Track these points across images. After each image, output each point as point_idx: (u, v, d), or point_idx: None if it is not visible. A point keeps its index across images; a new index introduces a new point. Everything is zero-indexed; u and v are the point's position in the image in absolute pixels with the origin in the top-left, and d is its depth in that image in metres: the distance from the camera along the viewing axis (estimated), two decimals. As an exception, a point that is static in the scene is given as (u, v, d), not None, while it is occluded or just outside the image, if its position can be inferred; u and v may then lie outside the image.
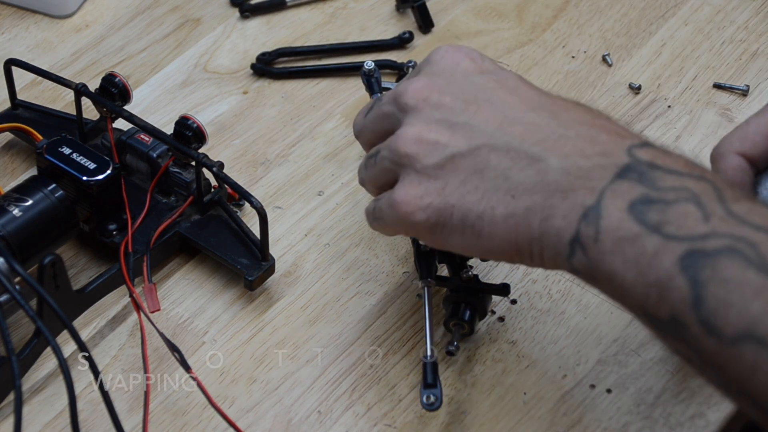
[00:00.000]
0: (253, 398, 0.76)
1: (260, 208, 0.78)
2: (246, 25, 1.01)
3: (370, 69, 0.85)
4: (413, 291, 0.82)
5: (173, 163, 0.83)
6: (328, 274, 0.83)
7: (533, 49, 0.99)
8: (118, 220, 0.81)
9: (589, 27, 1.01)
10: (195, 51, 0.98)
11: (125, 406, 0.75)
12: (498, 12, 1.02)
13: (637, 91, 0.95)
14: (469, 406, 0.75)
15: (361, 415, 0.75)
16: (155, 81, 0.96)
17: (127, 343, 0.79)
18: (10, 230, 0.76)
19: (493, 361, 0.78)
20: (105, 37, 0.99)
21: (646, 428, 0.74)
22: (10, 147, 0.91)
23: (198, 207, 0.83)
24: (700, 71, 0.97)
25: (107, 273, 0.80)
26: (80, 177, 0.79)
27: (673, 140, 0.91)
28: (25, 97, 0.92)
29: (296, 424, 0.75)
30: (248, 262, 0.80)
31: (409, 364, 0.78)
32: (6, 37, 0.99)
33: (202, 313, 0.80)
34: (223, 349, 0.78)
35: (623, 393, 0.76)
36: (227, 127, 0.92)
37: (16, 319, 0.78)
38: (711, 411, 0.75)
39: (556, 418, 0.75)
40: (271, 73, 0.96)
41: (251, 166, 0.90)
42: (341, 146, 0.91)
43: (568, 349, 0.78)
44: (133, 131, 0.84)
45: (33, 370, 0.76)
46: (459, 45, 0.73)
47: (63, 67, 0.96)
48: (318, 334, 0.79)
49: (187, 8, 1.02)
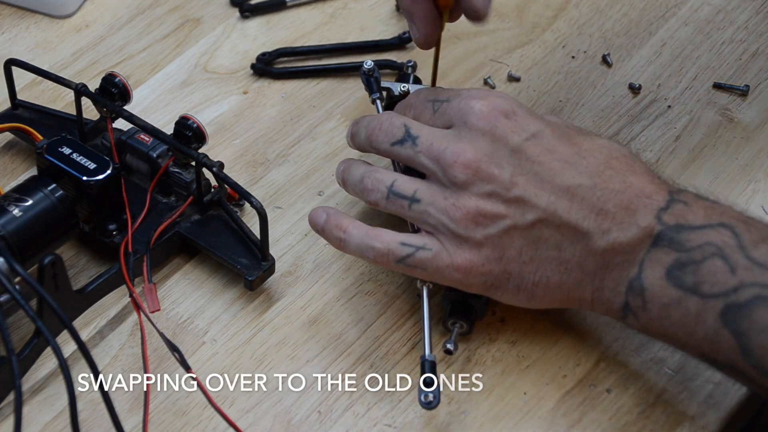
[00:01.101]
0: (253, 398, 0.76)
1: (260, 208, 0.78)
2: (246, 25, 1.01)
3: (369, 68, 0.85)
4: (413, 291, 0.82)
5: (173, 163, 0.83)
6: (328, 274, 0.83)
7: (533, 49, 0.99)
8: (118, 220, 0.81)
9: (589, 27, 1.00)
10: (195, 51, 0.98)
11: (125, 406, 0.75)
12: (498, 12, 1.02)
13: (637, 91, 0.95)
14: (469, 406, 0.75)
15: (361, 415, 0.75)
16: (155, 81, 0.96)
17: (127, 343, 0.79)
18: (10, 230, 0.76)
19: (493, 361, 0.78)
20: (105, 37, 0.99)
21: (646, 428, 0.74)
22: (10, 147, 0.91)
23: (198, 207, 0.83)
24: (700, 71, 0.97)
25: (107, 273, 0.80)
26: (80, 177, 0.79)
27: (673, 140, 0.91)
28: (25, 97, 0.92)
29: (296, 424, 0.75)
30: (248, 262, 0.80)
31: (409, 364, 0.78)
32: (6, 37, 0.99)
33: (202, 313, 0.80)
34: (223, 349, 0.78)
35: (623, 393, 0.76)
36: (227, 127, 0.92)
37: (16, 319, 0.78)
38: (711, 411, 0.75)
39: (556, 418, 0.75)
40: (271, 73, 0.96)
41: (251, 166, 0.90)
42: (341, 146, 0.91)
43: (568, 349, 0.78)
44: (133, 131, 0.84)
45: (33, 370, 0.76)
46: (490, 97, 0.75)
47: (63, 67, 0.96)
48: (318, 334, 0.79)
49: (187, 8, 1.02)
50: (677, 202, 0.72)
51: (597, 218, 0.72)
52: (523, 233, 0.73)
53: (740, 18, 1.01)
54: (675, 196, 0.72)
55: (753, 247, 0.68)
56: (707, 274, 0.68)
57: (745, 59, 0.97)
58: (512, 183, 0.73)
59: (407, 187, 0.75)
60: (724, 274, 0.68)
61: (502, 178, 0.73)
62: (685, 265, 0.69)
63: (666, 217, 0.71)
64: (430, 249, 0.74)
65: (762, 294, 0.67)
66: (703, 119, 0.93)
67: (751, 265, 0.68)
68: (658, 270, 0.70)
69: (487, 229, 0.73)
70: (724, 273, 0.68)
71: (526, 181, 0.73)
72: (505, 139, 0.73)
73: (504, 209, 0.73)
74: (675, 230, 0.70)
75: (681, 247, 0.70)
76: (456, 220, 0.73)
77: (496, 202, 0.73)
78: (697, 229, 0.70)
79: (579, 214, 0.72)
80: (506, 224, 0.73)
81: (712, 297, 0.68)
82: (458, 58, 0.97)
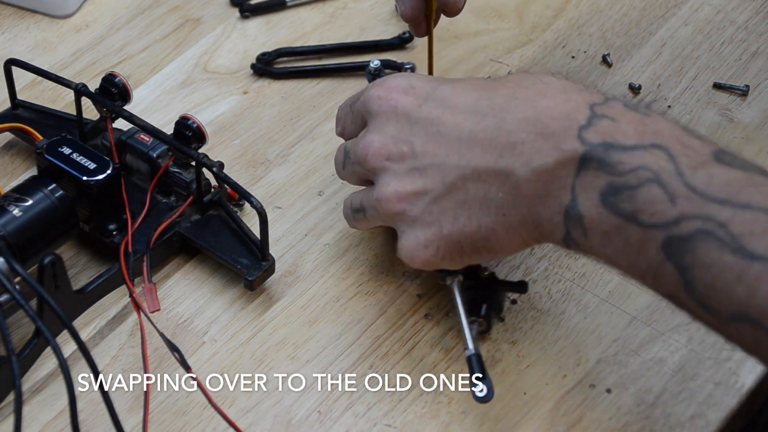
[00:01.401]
0: (253, 398, 0.76)
1: (260, 208, 0.78)
2: (246, 25, 1.01)
3: (376, 67, 0.85)
4: (413, 291, 0.82)
5: (173, 163, 0.83)
6: (328, 274, 0.83)
7: (533, 49, 0.99)
8: (118, 220, 0.81)
9: (589, 27, 1.01)
10: (195, 51, 0.98)
11: (125, 406, 0.75)
12: (498, 12, 1.02)
13: (637, 91, 0.95)
14: (469, 406, 0.75)
15: (361, 415, 0.75)
16: (155, 81, 0.96)
17: (127, 343, 0.79)
18: (10, 230, 0.76)
19: (493, 361, 0.78)
20: (105, 37, 0.99)
21: (646, 428, 0.74)
22: (10, 147, 0.91)
23: (198, 207, 0.83)
24: (700, 71, 0.97)
25: (107, 273, 0.80)
26: (80, 177, 0.79)
27: (673, 140, 0.91)
28: (25, 97, 0.92)
29: (296, 424, 0.75)
30: (248, 262, 0.80)
31: (409, 364, 0.78)
32: (6, 37, 0.99)
33: (202, 313, 0.80)
34: (223, 349, 0.78)
35: (623, 393, 0.76)
36: (227, 127, 0.92)
37: (16, 319, 0.78)
38: (711, 411, 0.75)
39: (556, 418, 0.75)
40: (271, 73, 0.96)
41: (251, 166, 0.90)
42: (341, 146, 0.91)
43: (568, 349, 0.78)
44: (133, 131, 0.84)
45: (33, 370, 0.76)
46: (388, 80, 0.76)
47: (63, 67, 0.96)
48: (318, 334, 0.79)
49: (187, 8, 1.02)
50: (600, 118, 0.67)
51: (512, 153, 0.69)
52: (450, 197, 0.71)
53: (740, 18, 1.01)
54: (597, 110, 0.68)
55: (692, 173, 0.64)
56: (645, 202, 0.64)
57: (745, 59, 0.98)
58: (422, 152, 0.72)
59: (356, 200, 0.77)
60: (663, 203, 0.64)
61: (412, 151, 0.72)
62: (619, 189, 0.65)
63: (590, 135, 0.67)
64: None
65: (705, 228, 0.62)
66: (703, 119, 0.93)
67: (691, 193, 0.63)
68: (592, 195, 0.66)
69: (414, 207, 0.72)
70: (663, 202, 0.64)
71: (435, 146, 0.72)
72: (406, 113, 0.73)
73: (423, 182, 0.72)
74: (603, 150, 0.66)
75: (613, 171, 0.65)
76: (383, 211, 0.73)
77: (414, 178, 0.72)
78: (628, 150, 0.66)
79: (492, 155, 0.70)
80: (430, 196, 0.72)
81: (652, 228, 0.64)
82: (458, 58, 0.97)
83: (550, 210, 0.68)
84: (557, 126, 0.68)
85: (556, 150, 0.67)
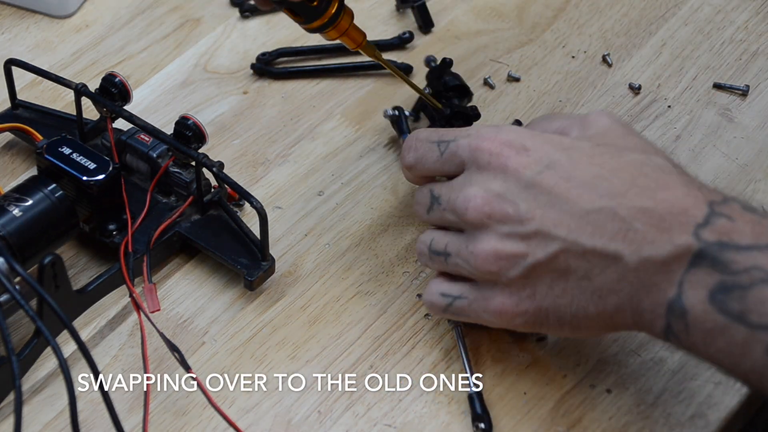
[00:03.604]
0: (253, 398, 0.76)
1: (260, 208, 0.78)
2: (246, 25, 1.01)
3: (394, 115, 0.89)
4: (413, 291, 0.82)
5: (173, 163, 0.83)
6: (328, 274, 0.83)
7: (533, 49, 0.99)
8: (118, 220, 0.81)
9: (589, 27, 1.01)
10: (195, 51, 0.98)
11: (125, 406, 0.75)
12: (498, 12, 1.02)
13: (637, 91, 0.95)
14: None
15: (361, 415, 0.75)
16: (155, 81, 0.96)
17: (127, 343, 0.79)
18: (10, 230, 0.76)
19: (493, 361, 0.78)
20: (105, 37, 0.99)
21: (646, 428, 0.74)
22: (10, 147, 0.91)
23: (198, 207, 0.83)
24: (700, 71, 0.97)
25: (107, 273, 0.80)
26: (80, 177, 0.79)
27: (673, 140, 0.91)
28: (25, 97, 0.92)
29: (296, 424, 0.75)
30: (248, 262, 0.80)
31: (409, 364, 0.78)
32: (6, 37, 0.99)
33: (202, 313, 0.80)
34: (223, 349, 0.78)
35: (623, 393, 0.76)
36: (227, 127, 0.92)
37: (16, 319, 0.78)
38: (711, 411, 0.75)
39: (556, 418, 0.75)
40: (271, 73, 0.96)
41: (251, 166, 0.90)
42: (341, 146, 0.91)
43: (568, 349, 0.78)
44: (133, 131, 0.84)
45: (33, 370, 0.76)
46: (500, 133, 0.73)
47: (63, 67, 0.96)
48: (318, 334, 0.79)
49: (187, 8, 1.02)
50: (718, 216, 0.67)
51: (624, 239, 0.68)
52: (548, 267, 0.70)
53: (740, 18, 1.01)
54: (716, 208, 0.68)
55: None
56: (755, 302, 0.64)
57: (745, 59, 0.98)
58: (528, 218, 0.70)
59: (440, 243, 0.75)
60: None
61: (517, 214, 0.70)
62: (730, 289, 0.65)
63: (706, 233, 0.67)
64: (465, 297, 0.73)
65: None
66: (703, 119, 0.93)
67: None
68: (701, 292, 0.66)
69: (511, 270, 0.71)
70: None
71: (542, 213, 0.70)
72: (517, 174, 0.71)
73: (524, 247, 0.70)
74: (717, 249, 0.66)
75: (725, 269, 0.65)
76: (477, 266, 0.72)
77: (515, 241, 0.71)
78: (743, 249, 0.66)
79: (603, 238, 0.68)
80: (529, 262, 0.70)
81: (759, 328, 0.64)
82: (458, 58, 0.97)
83: (652, 301, 0.68)
84: (674, 221, 0.67)
85: (670, 243, 0.67)
